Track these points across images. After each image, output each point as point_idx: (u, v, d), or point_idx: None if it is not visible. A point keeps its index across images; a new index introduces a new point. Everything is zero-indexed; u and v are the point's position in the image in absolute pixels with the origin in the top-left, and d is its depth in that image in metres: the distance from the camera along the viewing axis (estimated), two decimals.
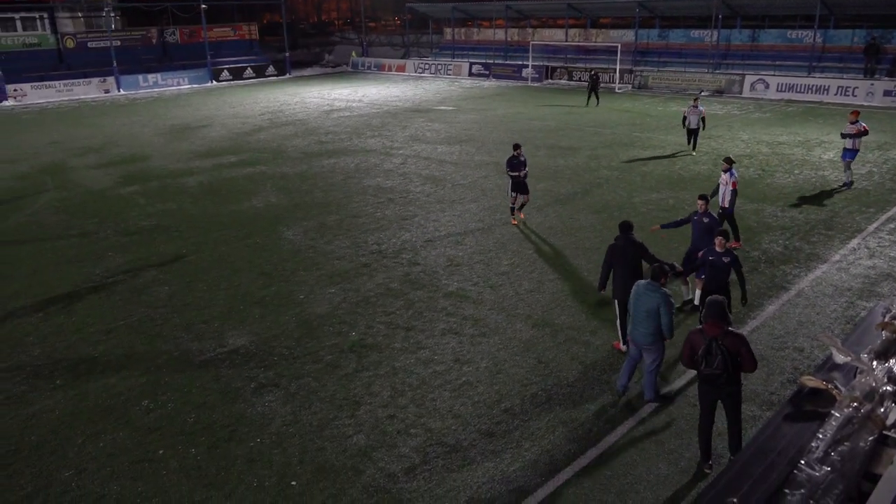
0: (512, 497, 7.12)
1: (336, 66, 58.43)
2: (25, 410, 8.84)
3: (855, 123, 17.90)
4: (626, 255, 9.65)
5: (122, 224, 16.42)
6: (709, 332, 6.88)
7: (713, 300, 6.97)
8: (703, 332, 6.94)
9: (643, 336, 8.22)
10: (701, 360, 6.93)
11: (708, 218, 10.92)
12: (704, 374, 7.01)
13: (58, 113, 35.56)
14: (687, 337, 7.16)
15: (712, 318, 6.83)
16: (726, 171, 13.50)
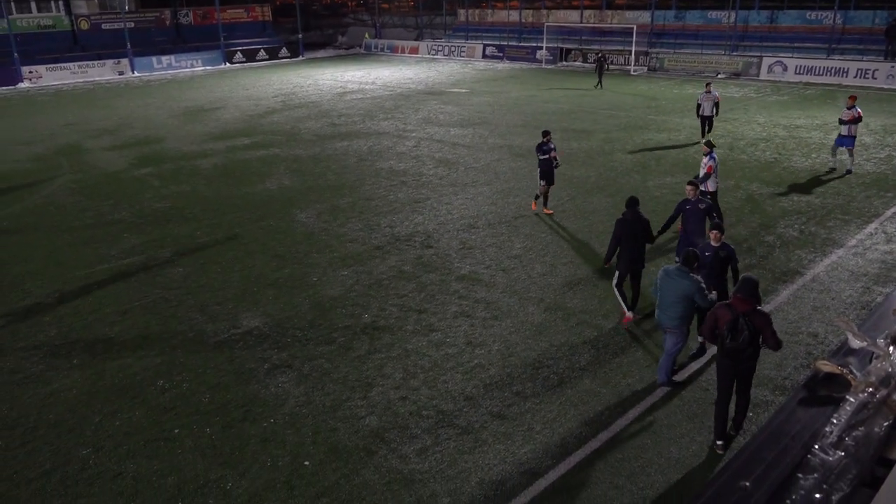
0: (523, 479, 7.15)
1: (349, 47, 58.20)
2: (43, 389, 8.97)
3: (851, 109, 17.38)
4: (634, 229, 9.94)
5: (137, 206, 16.52)
6: (738, 307, 6.95)
7: (747, 278, 7.05)
8: (732, 307, 7.01)
9: (670, 319, 8.23)
10: (726, 335, 6.98)
11: (703, 204, 10.61)
12: (728, 349, 7.06)
13: (72, 95, 35.72)
14: (713, 310, 7.22)
15: (744, 293, 6.92)
16: (706, 155, 13.44)
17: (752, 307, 6.95)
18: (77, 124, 27.13)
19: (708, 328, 7.25)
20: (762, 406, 8.21)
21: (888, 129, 22.95)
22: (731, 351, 7.06)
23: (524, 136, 22.99)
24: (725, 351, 7.11)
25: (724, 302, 7.29)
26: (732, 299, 7.07)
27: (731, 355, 7.11)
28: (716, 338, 7.17)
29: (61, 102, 33.16)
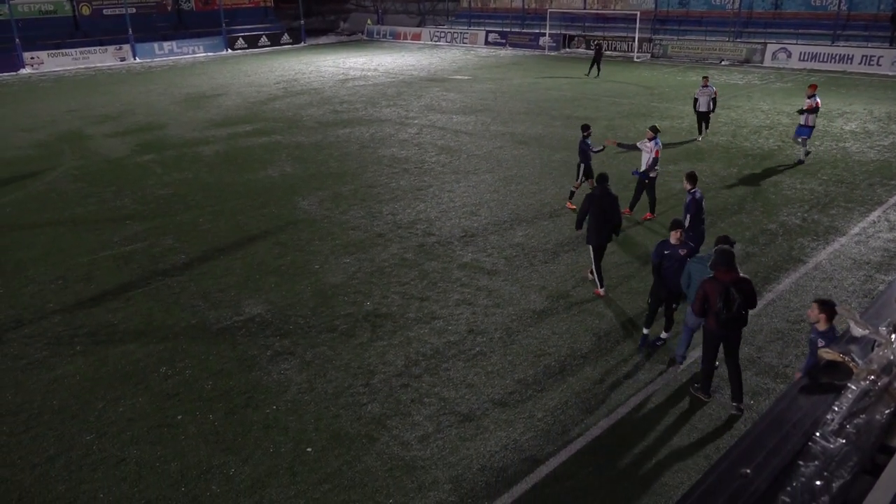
0: (524, 466, 7.18)
1: (351, 34, 57.91)
2: (47, 375, 9.01)
3: (811, 98, 17.03)
4: (603, 204, 10.49)
5: (140, 193, 16.52)
6: (724, 278, 7.38)
7: (722, 250, 7.48)
8: (718, 280, 7.41)
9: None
10: (721, 307, 7.35)
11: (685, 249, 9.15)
12: (725, 320, 7.43)
13: (74, 81, 35.62)
14: (700, 287, 7.61)
15: (725, 265, 7.39)
16: (651, 140, 13.52)
17: (736, 276, 7.44)
18: (79, 111, 27.08)
19: (699, 304, 7.58)
20: (763, 394, 8.23)
21: (892, 116, 22.83)
22: (728, 321, 7.46)
23: (527, 123, 22.91)
24: (722, 322, 7.49)
25: (707, 277, 7.63)
26: (716, 273, 7.47)
27: (727, 325, 7.52)
28: (705, 312, 7.60)
29: (63, 89, 33.07)
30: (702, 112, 19.79)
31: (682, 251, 8.67)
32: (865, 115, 23.17)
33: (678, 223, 8.83)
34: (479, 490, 6.88)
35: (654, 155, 13.54)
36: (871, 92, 27.43)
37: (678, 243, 8.70)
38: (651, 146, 13.57)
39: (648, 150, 13.61)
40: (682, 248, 8.69)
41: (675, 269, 8.66)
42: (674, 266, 8.67)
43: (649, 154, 13.59)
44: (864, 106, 24.57)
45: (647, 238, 13.05)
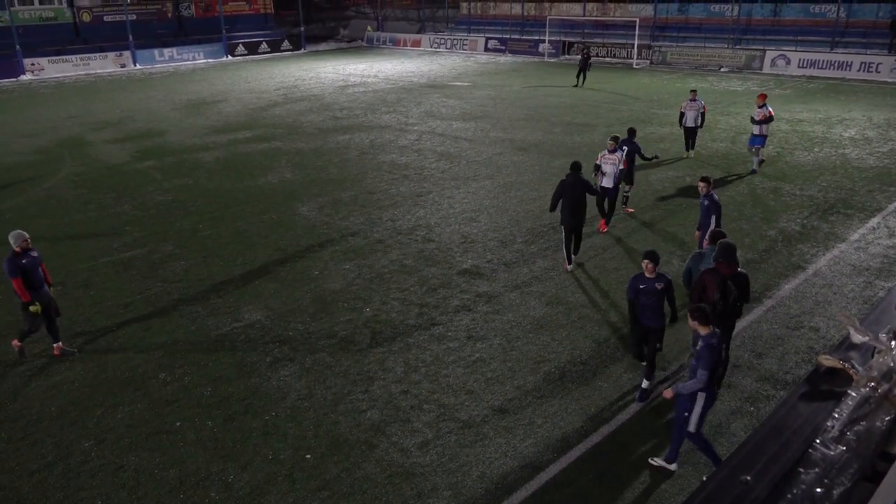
0: (524, 473, 7.16)
1: (351, 40, 58.05)
2: (46, 382, 8.99)
3: (762, 108, 16.82)
4: (574, 190, 11.42)
5: (139, 199, 16.52)
6: (724, 271, 7.62)
7: (725, 244, 7.70)
8: (717, 272, 7.64)
9: None
10: (718, 298, 7.59)
11: (707, 200, 10.40)
12: (720, 311, 7.62)
13: (74, 87, 35.69)
14: (699, 278, 7.82)
15: (726, 258, 7.58)
16: (613, 151, 12.92)
17: (735, 270, 7.67)
18: (79, 117, 27.11)
19: (696, 294, 7.78)
20: (763, 400, 8.22)
21: (891, 122, 22.87)
22: (723, 312, 7.65)
23: (526, 129, 22.95)
24: (717, 313, 7.59)
25: (708, 268, 7.82)
26: (716, 265, 7.65)
27: (721, 316, 7.65)
28: (701, 301, 7.64)
29: (63, 95, 33.13)
30: (689, 128, 18.58)
31: (659, 284, 7.88)
32: (864, 121, 23.21)
33: (652, 255, 7.93)
34: (479, 497, 6.86)
35: (623, 166, 12.93)
36: (869, 99, 27.49)
37: (653, 276, 7.89)
38: (617, 157, 12.85)
39: (613, 161, 12.86)
40: (658, 282, 7.88)
41: (652, 306, 7.94)
42: (650, 302, 7.93)
43: (615, 166, 12.87)
44: (862, 112, 24.62)
45: (644, 245, 13.05)
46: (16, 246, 8.92)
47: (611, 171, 12.92)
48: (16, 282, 8.84)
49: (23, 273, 8.88)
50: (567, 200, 11.45)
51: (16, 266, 8.83)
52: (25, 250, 8.98)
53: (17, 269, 8.82)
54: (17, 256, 8.90)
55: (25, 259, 8.94)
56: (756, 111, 17.00)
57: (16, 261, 8.86)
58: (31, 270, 8.99)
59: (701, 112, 18.38)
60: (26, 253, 8.98)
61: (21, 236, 8.98)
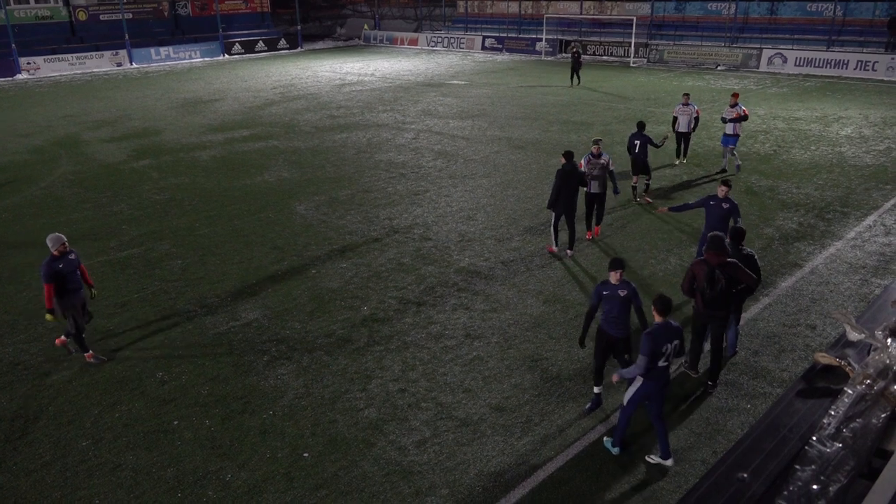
0: (522, 471, 7.17)
1: (348, 39, 58.00)
2: (43, 381, 8.97)
3: (735, 107, 16.60)
4: (571, 179, 11.90)
5: (136, 198, 16.50)
6: (712, 260, 7.90)
7: (714, 235, 8.01)
8: (706, 262, 7.92)
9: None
10: (706, 287, 7.90)
11: (728, 204, 10.18)
12: (708, 299, 7.97)
13: (71, 86, 35.61)
14: (689, 268, 8.15)
15: (714, 249, 7.88)
16: (598, 155, 12.45)
17: (723, 259, 7.90)
18: (75, 116, 27.06)
19: (687, 283, 8.15)
20: (760, 398, 8.24)
21: (888, 121, 22.93)
22: (711, 301, 7.98)
23: (523, 128, 22.95)
24: (706, 301, 8.02)
25: (698, 259, 8.18)
26: (706, 255, 7.94)
27: (710, 304, 8.00)
28: (693, 292, 8.10)
29: (59, 94, 33.06)
30: (681, 132, 17.79)
31: (622, 292, 7.62)
32: (861, 119, 23.26)
33: (618, 262, 7.70)
34: (477, 495, 6.87)
35: (612, 167, 12.62)
36: (866, 97, 27.54)
37: (618, 283, 7.65)
38: (605, 160, 12.48)
39: (603, 163, 12.54)
40: (621, 289, 7.63)
41: (615, 314, 7.71)
42: (614, 309, 7.71)
43: (604, 171, 12.61)
44: (859, 111, 24.67)
45: (641, 242, 13.07)
46: (54, 249, 8.75)
47: (598, 177, 12.55)
48: (48, 287, 8.67)
49: (60, 277, 8.72)
50: (564, 190, 11.94)
51: (52, 271, 8.66)
52: (63, 253, 8.82)
53: (52, 274, 8.66)
54: (55, 260, 8.73)
55: (63, 263, 8.78)
56: (728, 110, 16.76)
57: (53, 265, 8.69)
58: (69, 274, 8.82)
59: (694, 117, 17.59)
60: (64, 256, 8.82)
61: (59, 239, 8.82)
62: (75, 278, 8.97)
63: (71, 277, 8.89)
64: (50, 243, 8.80)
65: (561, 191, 11.94)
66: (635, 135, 14.86)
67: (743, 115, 16.67)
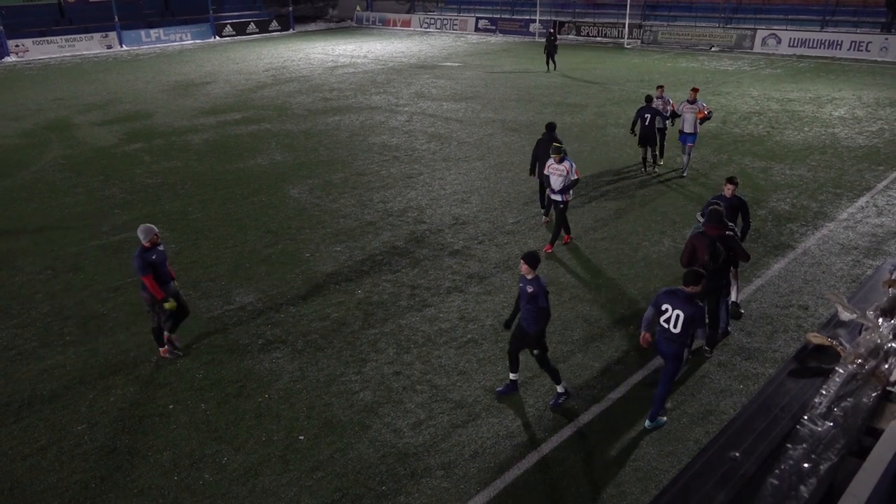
0: (516, 452, 7.23)
1: (340, 20, 57.50)
2: (37, 366, 8.97)
3: (694, 103, 15.04)
4: (547, 148, 12.09)
5: (128, 182, 16.40)
6: (711, 233, 8.20)
7: (713, 209, 8.29)
8: (706, 234, 8.21)
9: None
10: (708, 259, 8.11)
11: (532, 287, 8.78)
12: (710, 271, 8.05)
13: (60, 69, 35.24)
14: (689, 241, 8.37)
15: (713, 222, 8.20)
16: (560, 161, 11.29)
17: (723, 232, 8.24)
18: (65, 99, 26.81)
19: (686, 256, 8.31)
20: (752, 378, 8.30)
21: (881, 101, 22.93)
22: (713, 273, 8.17)
23: (517, 110, 22.87)
24: (709, 272, 7.96)
25: (697, 232, 8.44)
26: (706, 227, 8.26)
27: (711, 277, 8.07)
28: (692, 264, 8.16)
29: (49, 77, 32.72)
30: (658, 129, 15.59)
31: (529, 288, 7.43)
32: (854, 100, 23.25)
33: (527, 256, 7.51)
34: (472, 476, 6.92)
35: (576, 176, 11.41)
36: (859, 78, 27.52)
37: (528, 277, 7.48)
38: (565, 167, 11.32)
39: (561, 172, 11.33)
40: (529, 285, 7.45)
41: (525, 308, 7.56)
42: (523, 304, 7.56)
43: (564, 176, 11.33)
44: (852, 92, 24.66)
45: (635, 225, 13.08)
46: (145, 241, 8.43)
47: (558, 184, 11.43)
48: (147, 279, 8.38)
49: (153, 268, 8.44)
50: (542, 158, 12.32)
51: (146, 262, 8.38)
52: (154, 244, 8.54)
53: (147, 265, 8.37)
54: (147, 251, 8.43)
55: (154, 254, 8.47)
56: (685, 105, 15.10)
57: (146, 256, 8.40)
58: (160, 265, 8.55)
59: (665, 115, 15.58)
60: (155, 247, 8.53)
61: (151, 230, 8.50)
62: (165, 270, 8.67)
63: (162, 269, 8.60)
64: (141, 234, 8.46)
65: (539, 158, 12.56)
66: (644, 108, 15.32)
67: (707, 114, 15.21)
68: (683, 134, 15.33)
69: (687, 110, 15.16)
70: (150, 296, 8.53)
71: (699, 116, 15.14)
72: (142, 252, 8.42)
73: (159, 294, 8.50)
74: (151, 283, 8.44)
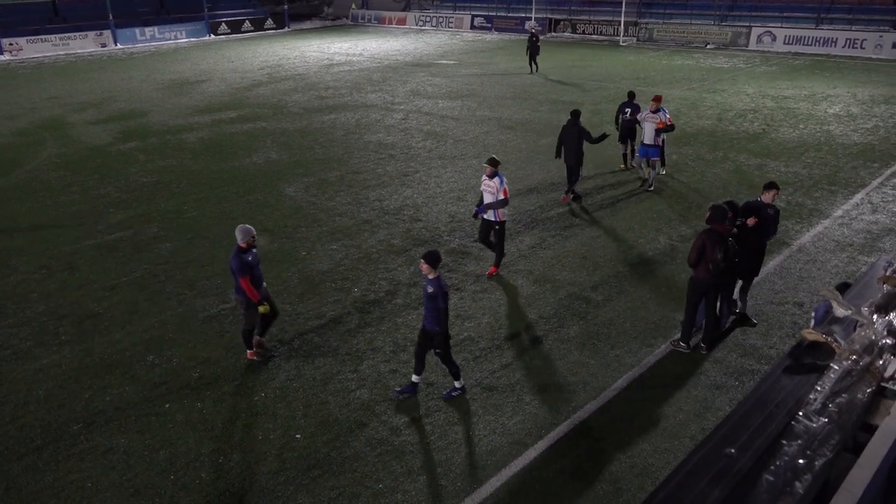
0: (512, 450, 7.24)
1: (335, 18, 57.38)
2: (32, 365, 8.94)
3: (657, 112, 14.18)
4: (571, 134, 13.47)
5: (123, 180, 16.35)
6: (723, 231, 8.20)
7: (715, 205, 8.29)
8: (716, 232, 8.16)
9: None
10: (720, 257, 8.15)
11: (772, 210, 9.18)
12: (721, 269, 8.25)
13: (54, 67, 35.11)
14: (697, 238, 8.29)
15: (721, 220, 8.20)
16: (493, 176, 10.40)
17: (731, 229, 8.33)
18: (60, 98, 26.72)
19: (695, 255, 8.24)
20: (747, 375, 8.32)
21: (876, 99, 23.00)
22: (722, 271, 8.30)
23: (513, 108, 22.87)
24: (716, 271, 8.25)
25: (705, 230, 8.31)
26: (716, 226, 8.18)
27: (719, 273, 8.30)
28: (699, 263, 8.24)
29: (43, 75, 32.59)
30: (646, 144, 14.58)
31: (429, 287, 7.39)
32: (849, 98, 23.32)
33: (427, 255, 7.41)
34: (468, 474, 6.93)
35: (503, 195, 10.36)
36: (854, 75, 27.59)
37: (429, 277, 7.44)
38: (495, 184, 10.41)
39: (492, 189, 10.45)
40: (429, 284, 7.40)
41: (427, 308, 7.53)
42: (426, 303, 7.53)
43: (494, 194, 10.44)
44: (847, 89, 24.73)
45: (631, 222, 13.09)
46: (242, 241, 8.23)
47: (491, 201, 10.51)
48: (244, 280, 8.20)
49: (250, 269, 8.27)
50: (566, 144, 13.51)
51: (244, 263, 8.19)
52: (251, 246, 8.34)
53: (245, 266, 8.18)
54: (244, 252, 8.26)
55: (251, 256, 8.32)
56: (647, 114, 14.31)
57: (243, 258, 8.21)
58: (255, 267, 8.38)
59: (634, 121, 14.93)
60: (250, 249, 8.39)
61: (249, 232, 8.29)
62: (260, 272, 8.55)
63: (257, 271, 8.46)
64: (239, 235, 8.27)
65: (564, 145, 13.65)
66: (626, 104, 15.62)
67: (668, 124, 14.24)
68: (643, 146, 14.48)
69: (648, 119, 14.29)
70: (246, 299, 8.36)
71: (658, 126, 14.13)
72: (238, 253, 8.25)
73: (255, 296, 8.34)
74: (248, 286, 8.26)
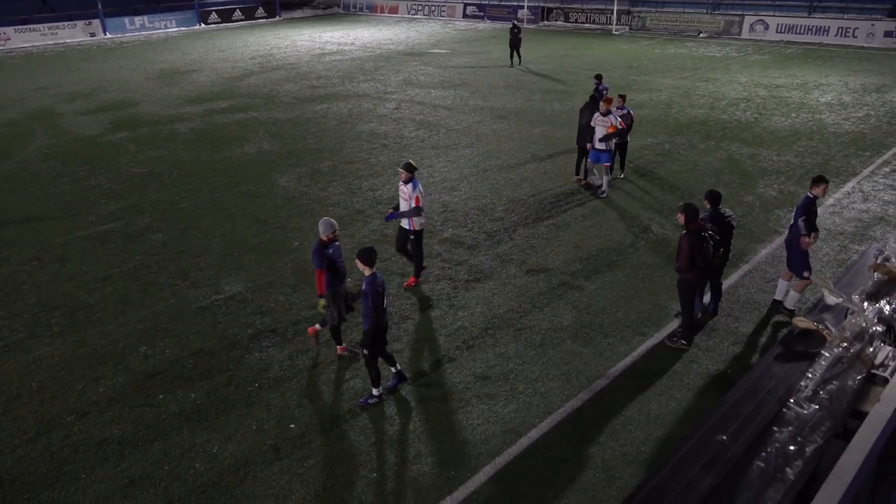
0: (506, 438, 7.27)
1: (327, 7, 57.00)
2: (24, 357, 8.91)
3: (607, 115, 13.12)
4: (588, 113, 13.70)
5: (114, 171, 16.26)
6: (700, 227, 8.23)
7: (687, 204, 8.31)
8: (696, 232, 8.15)
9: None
10: (710, 252, 8.23)
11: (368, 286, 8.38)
12: (712, 261, 8.39)
13: (43, 57, 34.78)
14: (680, 245, 8.24)
15: (696, 216, 8.24)
16: (408, 182, 9.94)
17: (704, 223, 8.37)
18: (49, 88, 26.49)
19: (686, 260, 8.17)
20: (739, 362, 8.37)
21: (867, 87, 23.05)
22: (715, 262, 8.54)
23: (505, 97, 22.82)
24: (707, 267, 8.36)
25: (686, 233, 8.24)
26: (693, 224, 8.19)
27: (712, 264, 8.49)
28: (694, 264, 8.18)
29: (32, 66, 32.29)
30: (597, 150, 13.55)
31: (363, 285, 7.49)
32: (841, 86, 23.37)
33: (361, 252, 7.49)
34: (462, 462, 6.96)
35: (415, 203, 9.91)
36: (846, 64, 27.64)
37: (368, 273, 7.48)
38: (408, 190, 9.96)
39: (406, 196, 10.01)
40: (363, 282, 7.51)
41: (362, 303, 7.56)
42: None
43: (408, 202, 10.01)
44: (839, 78, 24.77)
45: (625, 212, 13.11)
46: (324, 235, 8.19)
47: (405, 208, 10.07)
48: (320, 273, 8.16)
49: (330, 263, 8.21)
50: (581, 132, 14.00)
51: (324, 257, 8.15)
52: (332, 240, 8.28)
53: (325, 259, 8.14)
54: (325, 246, 8.20)
55: (332, 249, 8.26)
56: (597, 118, 13.21)
57: (324, 251, 8.17)
58: (336, 261, 8.31)
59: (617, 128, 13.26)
60: (332, 243, 8.29)
61: (332, 225, 8.23)
62: (341, 266, 8.47)
63: (338, 265, 8.41)
64: (322, 227, 8.20)
65: (580, 132, 14.13)
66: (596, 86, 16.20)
67: (619, 128, 13.26)
68: (594, 150, 13.51)
69: (598, 123, 13.29)
70: (328, 290, 8.30)
71: (609, 131, 13.16)
72: (320, 247, 8.20)
73: (321, 289, 8.29)
74: (320, 279, 8.22)
